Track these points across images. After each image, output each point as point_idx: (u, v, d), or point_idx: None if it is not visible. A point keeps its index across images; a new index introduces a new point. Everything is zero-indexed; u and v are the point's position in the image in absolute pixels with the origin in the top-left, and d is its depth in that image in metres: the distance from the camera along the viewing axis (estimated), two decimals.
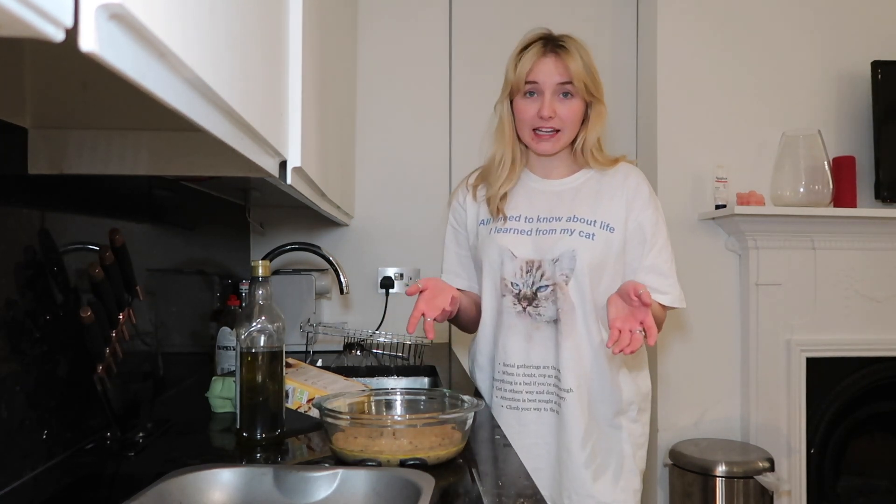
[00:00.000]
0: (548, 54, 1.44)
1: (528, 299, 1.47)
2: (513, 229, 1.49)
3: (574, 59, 1.43)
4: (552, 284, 1.45)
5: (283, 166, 0.95)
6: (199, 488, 0.90)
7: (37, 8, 0.32)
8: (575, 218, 1.46)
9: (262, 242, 2.56)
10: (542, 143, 1.47)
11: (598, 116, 1.48)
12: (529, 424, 1.47)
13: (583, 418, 1.44)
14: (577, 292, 1.44)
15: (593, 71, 1.46)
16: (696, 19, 2.68)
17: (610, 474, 1.46)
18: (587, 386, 1.45)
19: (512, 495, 0.92)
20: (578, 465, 1.43)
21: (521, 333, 1.47)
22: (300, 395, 1.33)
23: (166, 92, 0.48)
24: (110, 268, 1.16)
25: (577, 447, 1.43)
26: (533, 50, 1.45)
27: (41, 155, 1.01)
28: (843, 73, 2.72)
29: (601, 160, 1.49)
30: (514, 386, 1.48)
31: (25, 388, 0.99)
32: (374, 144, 2.68)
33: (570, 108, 1.45)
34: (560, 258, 1.44)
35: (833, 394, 2.64)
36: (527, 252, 1.47)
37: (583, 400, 1.44)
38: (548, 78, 1.43)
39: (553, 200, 1.50)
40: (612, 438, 1.47)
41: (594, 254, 1.43)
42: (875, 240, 2.65)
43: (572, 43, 1.45)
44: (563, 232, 1.45)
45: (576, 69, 1.42)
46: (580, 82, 1.43)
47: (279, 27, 0.88)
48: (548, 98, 1.44)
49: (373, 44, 2.69)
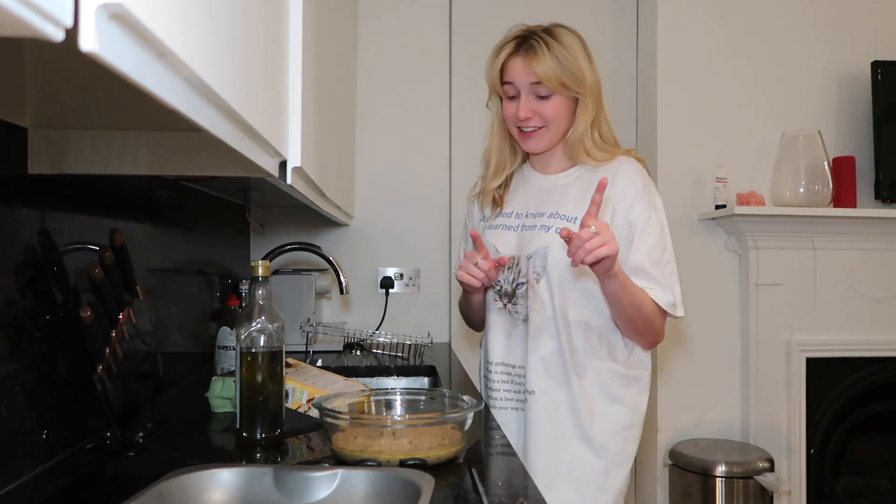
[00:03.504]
0: (518, 55, 1.39)
1: (509, 296, 1.43)
2: (501, 225, 1.48)
3: (541, 60, 1.35)
4: (527, 282, 1.40)
5: (283, 166, 0.95)
6: (199, 488, 0.90)
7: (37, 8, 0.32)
8: (557, 214, 1.40)
9: (262, 242, 2.56)
10: (528, 141, 1.43)
11: (584, 110, 1.40)
12: (507, 424, 1.41)
13: (547, 423, 1.37)
14: (548, 292, 1.38)
15: (572, 66, 1.36)
16: (696, 19, 2.68)
17: (573, 488, 1.36)
18: (552, 390, 1.38)
19: (511, 495, 0.92)
20: (539, 473, 1.35)
21: (502, 331, 1.45)
22: (300, 395, 1.33)
23: (166, 92, 0.48)
24: (110, 268, 1.16)
25: (538, 453, 1.37)
26: (505, 51, 1.41)
27: (41, 155, 1.01)
28: (843, 73, 2.72)
29: (595, 156, 1.41)
30: (492, 384, 1.46)
31: (25, 388, 0.99)
32: (374, 144, 2.68)
33: (550, 106, 1.39)
34: (534, 255, 1.39)
35: (833, 394, 2.63)
36: (509, 248, 1.43)
37: (546, 403, 1.37)
38: (520, 78, 1.38)
39: (543, 196, 1.46)
40: (580, 451, 1.37)
41: (566, 253, 1.31)
42: (875, 240, 2.65)
43: (543, 40, 1.37)
44: (541, 228, 1.41)
45: (543, 70, 1.35)
46: (553, 82, 1.36)
47: (279, 27, 0.88)
48: (523, 99, 1.39)
49: (373, 44, 2.69)
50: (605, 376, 1.39)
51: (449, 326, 2.70)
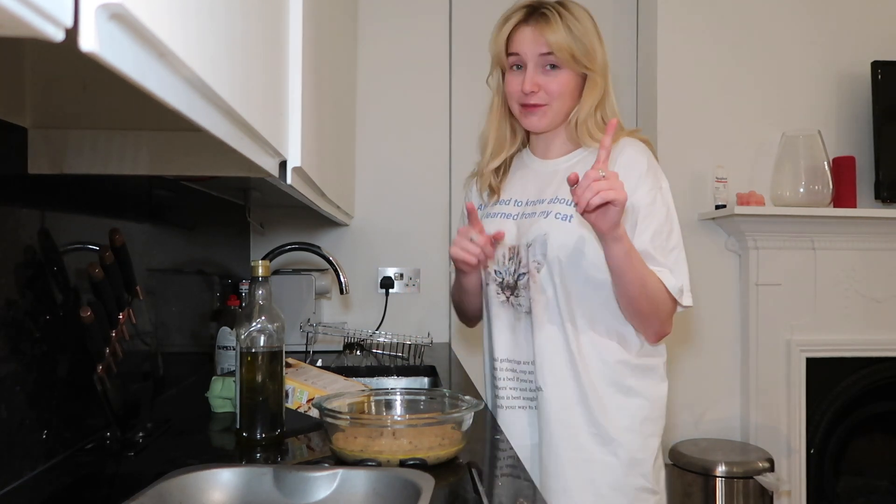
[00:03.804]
0: (528, 23, 1.32)
1: (511, 288, 1.36)
2: (500, 213, 1.40)
3: (554, 29, 1.29)
4: (528, 272, 1.33)
5: (283, 166, 0.95)
6: (199, 488, 0.90)
7: (37, 8, 0.32)
8: (556, 199, 1.32)
9: (262, 242, 2.56)
10: (529, 118, 1.35)
11: (592, 88, 1.34)
12: (513, 425, 1.35)
13: (559, 422, 1.30)
14: (549, 281, 1.30)
15: (584, 38, 1.31)
16: (696, 19, 2.68)
17: (592, 490, 1.29)
18: (561, 384, 1.30)
19: (511, 495, 0.92)
20: (558, 477, 1.29)
21: (506, 325, 1.38)
22: (300, 395, 1.33)
23: (166, 92, 0.48)
24: (110, 268, 1.16)
25: (554, 456, 1.30)
26: (513, 19, 1.35)
27: (41, 155, 1.01)
28: (843, 73, 2.72)
29: (598, 138, 1.31)
30: (498, 382, 1.38)
31: (25, 388, 0.99)
32: (374, 144, 2.68)
33: (557, 81, 1.32)
34: (533, 243, 1.31)
35: (833, 394, 2.64)
36: (509, 238, 1.35)
37: (556, 399, 1.30)
38: (528, 48, 1.32)
39: (543, 181, 1.38)
40: (594, 450, 1.29)
41: (567, 238, 1.28)
42: (875, 240, 2.65)
43: (556, 10, 1.31)
44: (540, 214, 1.33)
45: (556, 39, 1.29)
46: (564, 52, 1.29)
47: (279, 27, 0.88)
48: (530, 71, 1.32)
49: (373, 44, 2.69)
50: (616, 368, 1.31)
51: (449, 326, 2.70)
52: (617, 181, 1.12)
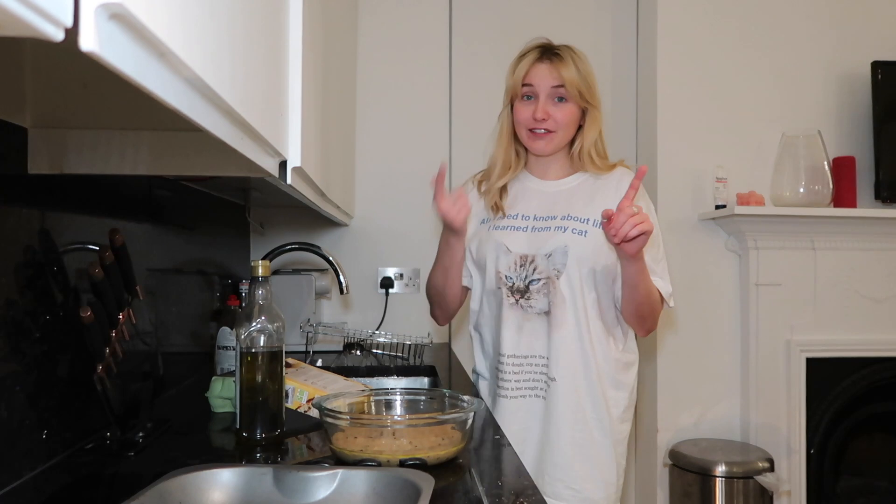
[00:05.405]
0: (543, 60, 1.54)
1: (521, 292, 1.54)
2: (509, 226, 1.58)
3: (567, 67, 1.52)
4: (545, 278, 1.52)
5: (283, 166, 0.95)
6: (199, 488, 0.90)
7: (37, 8, 0.32)
8: (569, 216, 1.54)
9: (262, 242, 2.56)
10: (537, 142, 1.55)
11: (593, 122, 1.56)
12: (517, 411, 1.54)
13: (568, 407, 1.51)
14: (568, 286, 1.51)
15: (588, 78, 1.54)
16: (696, 19, 2.68)
17: (589, 465, 1.52)
18: (574, 376, 1.51)
19: (511, 495, 0.92)
20: (560, 453, 1.51)
21: (514, 325, 1.55)
22: (300, 395, 1.33)
23: (166, 92, 0.48)
24: (110, 268, 1.16)
25: (559, 435, 1.51)
26: (530, 56, 1.55)
27: (41, 155, 1.01)
28: (843, 73, 2.72)
29: (599, 165, 1.56)
30: (504, 375, 1.55)
31: (25, 388, 0.99)
32: (374, 144, 2.68)
33: (563, 112, 1.53)
34: (553, 253, 1.52)
35: (833, 394, 2.63)
36: (521, 247, 1.54)
37: (569, 389, 1.51)
38: (542, 81, 1.53)
39: (549, 200, 1.59)
40: (595, 430, 1.52)
41: (585, 250, 1.50)
42: (875, 240, 2.65)
43: (568, 52, 1.55)
44: (556, 229, 1.53)
45: (568, 75, 1.51)
46: (573, 88, 1.52)
47: (279, 27, 0.88)
48: (542, 101, 1.53)
49: (373, 43, 2.69)
50: (612, 364, 1.55)
51: (449, 326, 2.70)
52: (644, 214, 1.34)
